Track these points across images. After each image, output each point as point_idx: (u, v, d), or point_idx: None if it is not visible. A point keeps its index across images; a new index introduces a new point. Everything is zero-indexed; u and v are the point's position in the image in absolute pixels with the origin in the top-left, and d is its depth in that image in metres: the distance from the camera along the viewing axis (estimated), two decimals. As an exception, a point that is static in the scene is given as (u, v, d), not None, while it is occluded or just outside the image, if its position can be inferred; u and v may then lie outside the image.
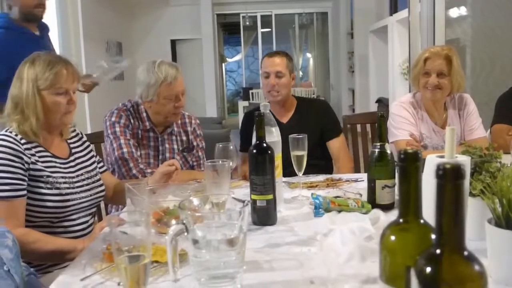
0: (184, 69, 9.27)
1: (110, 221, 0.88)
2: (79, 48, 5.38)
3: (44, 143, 1.71)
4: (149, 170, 2.16)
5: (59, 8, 4.87)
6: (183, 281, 1.06)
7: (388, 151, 1.63)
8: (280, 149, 1.64)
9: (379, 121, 1.63)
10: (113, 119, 2.23)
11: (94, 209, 1.87)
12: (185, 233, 0.95)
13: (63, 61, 1.72)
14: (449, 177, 0.57)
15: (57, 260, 1.65)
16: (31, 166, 1.63)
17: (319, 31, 12.36)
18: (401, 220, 0.71)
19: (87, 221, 1.80)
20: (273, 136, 1.62)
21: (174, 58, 10.06)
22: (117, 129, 2.20)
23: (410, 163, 0.68)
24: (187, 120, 2.45)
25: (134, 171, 2.15)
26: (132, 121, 2.26)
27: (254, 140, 1.51)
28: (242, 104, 9.64)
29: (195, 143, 2.43)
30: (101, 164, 1.99)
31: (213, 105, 9.99)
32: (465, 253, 0.59)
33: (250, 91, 10.16)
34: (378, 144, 1.63)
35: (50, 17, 4.85)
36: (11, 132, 1.65)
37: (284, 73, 2.47)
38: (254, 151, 1.47)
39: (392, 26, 7.60)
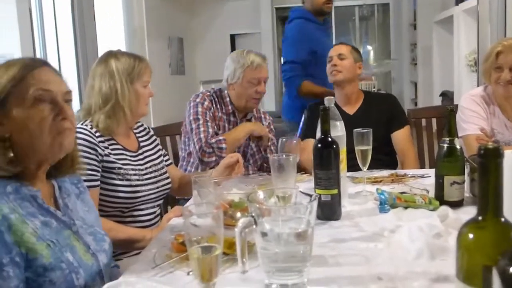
0: (244, 64, 9.06)
1: (184, 212, 0.91)
2: (143, 45, 5.56)
3: (116, 137, 1.79)
4: (213, 140, 2.26)
5: (125, 7, 5.05)
6: (250, 272, 1.07)
7: (458, 146, 1.58)
8: (345, 144, 1.63)
9: (448, 115, 1.57)
10: (198, 100, 2.39)
11: (161, 201, 1.93)
12: (254, 226, 0.97)
13: (141, 56, 1.82)
14: (536, 174, 0.54)
15: (127, 248, 1.72)
16: (105, 158, 1.71)
17: (380, 23, 12.04)
18: (479, 218, 0.68)
19: (154, 212, 1.87)
20: (338, 130, 1.60)
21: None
22: (199, 109, 2.35)
23: (491, 159, 0.66)
24: (262, 116, 2.60)
25: (203, 145, 2.26)
26: (214, 105, 2.42)
27: (318, 134, 1.51)
28: (301, 98, 9.58)
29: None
30: (167, 157, 2.06)
31: (271, 99, 9.98)
32: (551, 253, 0.56)
33: (309, 85, 10.08)
34: (447, 139, 1.57)
35: (116, 16, 5.05)
36: (86, 125, 1.73)
37: (347, 56, 2.51)
38: (319, 145, 1.47)
39: (458, 16, 7.28)
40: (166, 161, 2.02)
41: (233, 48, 10.17)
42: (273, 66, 10.04)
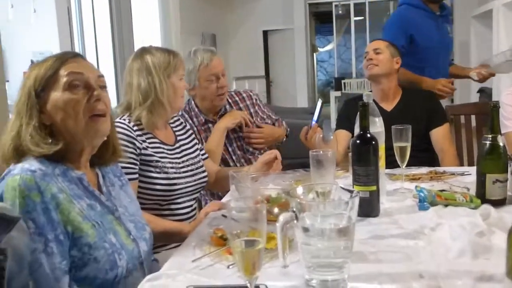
0: (276, 59, 9.18)
1: (227, 206, 0.91)
2: (178, 41, 5.62)
3: (154, 131, 1.82)
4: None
5: (161, 4, 5.12)
6: (290, 267, 1.07)
7: (501, 144, 1.54)
8: (384, 140, 1.61)
9: (491, 112, 1.53)
10: (181, 120, 2.30)
11: (197, 194, 1.95)
12: (295, 221, 0.97)
13: (174, 51, 1.86)
14: None
15: (165, 241, 1.75)
16: (143, 151, 1.74)
17: (415, 18, 11.81)
18: (532, 216, 0.67)
19: (191, 205, 1.89)
20: (377, 126, 1.59)
21: (266, 48, 10.13)
22: None
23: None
24: (237, 98, 2.51)
25: None
26: (185, 123, 2.29)
27: (357, 130, 1.50)
28: (334, 94, 9.50)
29: (263, 115, 2.53)
30: (203, 151, 2.08)
31: (304, 95, 9.95)
32: None
33: (342, 81, 9.99)
34: (490, 136, 1.53)
35: (153, 13, 5.12)
36: (124, 120, 1.76)
37: (382, 50, 2.47)
38: (358, 141, 1.45)
39: (497, 10, 7.07)
40: (202, 155, 2.04)
41: (265, 44, 10.17)
42: (305, 62, 10.00)
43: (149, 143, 1.78)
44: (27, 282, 0.95)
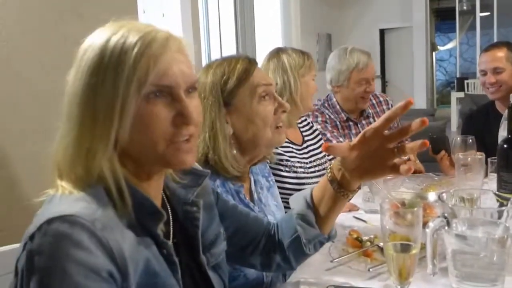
0: (392, 59, 8.87)
1: (382, 209, 0.90)
2: (297, 42, 5.68)
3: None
4: None
5: (283, 6, 5.22)
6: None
7: None
8: (533, 145, 1.48)
9: None
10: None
11: (323, 195, 1.95)
12: (446, 227, 0.93)
13: (308, 52, 1.90)
14: None
15: (294, 239, 1.77)
16: (274, 150, 1.77)
17: (551, 11, 10.72)
18: None
19: (317, 205, 1.89)
20: (525, 130, 1.47)
21: (382, 47, 9.85)
22: (319, 126, 2.24)
23: None
24: (381, 99, 2.47)
25: None
26: (327, 116, 2.32)
27: (503, 134, 1.40)
28: (455, 95, 8.95)
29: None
30: (330, 152, 2.07)
31: (422, 96, 9.50)
32: None
33: (466, 81, 9.38)
34: None
35: (274, 16, 5.21)
36: (256, 119, 1.82)
37: (504, 68, 2.18)
38: (505, 145, 1.36)
39: None
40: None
41: (382, 43, 9.89)
42: (424, 62, 9.55)
43: (279, 142, 1.82)
44: (219, 231, 0.96)
